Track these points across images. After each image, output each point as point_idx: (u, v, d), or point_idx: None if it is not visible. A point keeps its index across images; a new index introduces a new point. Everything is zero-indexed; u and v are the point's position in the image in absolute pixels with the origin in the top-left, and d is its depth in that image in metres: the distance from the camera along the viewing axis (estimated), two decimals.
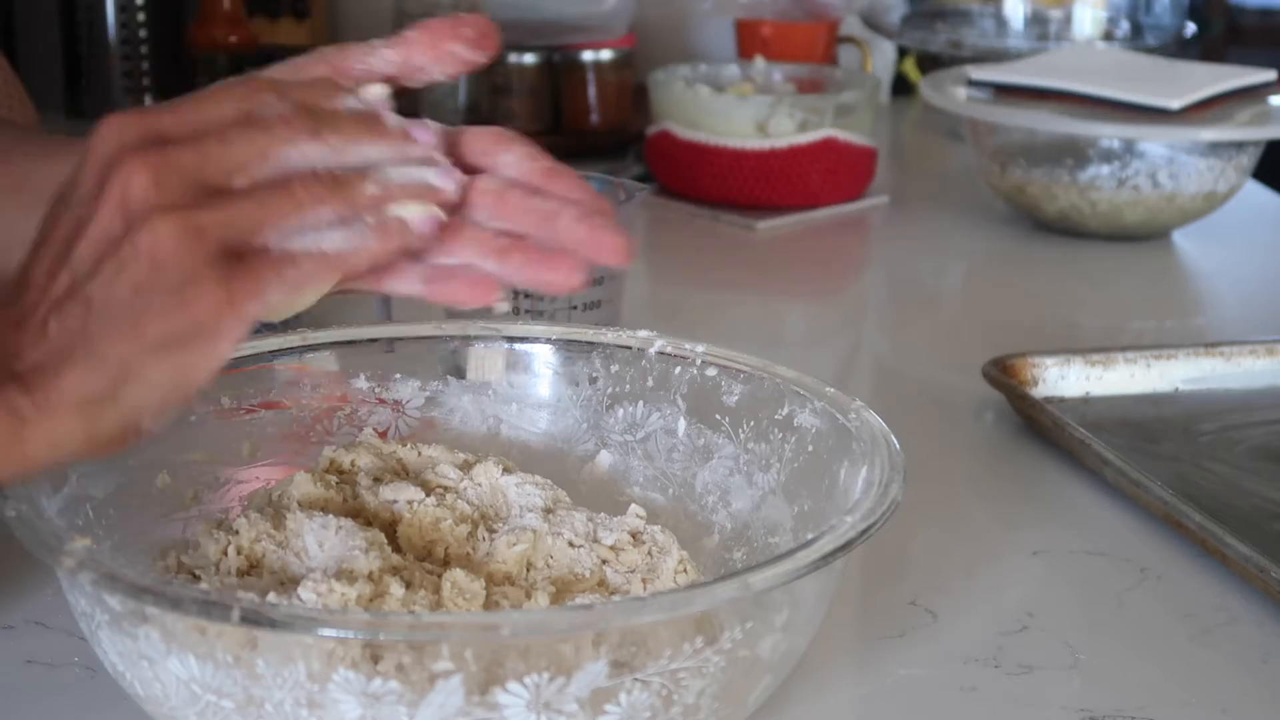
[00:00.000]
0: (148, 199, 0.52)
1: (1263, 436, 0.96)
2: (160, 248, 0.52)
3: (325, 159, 0.56)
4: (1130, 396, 1.01)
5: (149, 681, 0.57)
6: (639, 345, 0.76)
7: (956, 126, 1.60)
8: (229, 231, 0.53)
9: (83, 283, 0.53)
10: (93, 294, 0.53)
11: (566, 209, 0.60)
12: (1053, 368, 1.01)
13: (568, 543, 0.67)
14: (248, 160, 0.54)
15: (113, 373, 0.53)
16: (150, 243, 0.52)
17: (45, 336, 0.53)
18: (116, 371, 0.53)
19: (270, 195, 0.54)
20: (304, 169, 0.55)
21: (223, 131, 0.54)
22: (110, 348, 0.52)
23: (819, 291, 1.32)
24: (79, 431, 0.53)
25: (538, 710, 0.54)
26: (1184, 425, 0.97)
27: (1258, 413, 1.00)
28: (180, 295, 0.52)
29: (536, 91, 1.62)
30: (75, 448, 0.54)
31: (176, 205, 0.52)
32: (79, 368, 0.53)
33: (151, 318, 0.52)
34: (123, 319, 0.52)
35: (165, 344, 0.52)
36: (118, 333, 0.52)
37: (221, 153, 0.54)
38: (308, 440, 0.75)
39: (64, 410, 0.53)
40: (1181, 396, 1.02)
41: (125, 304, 0.52)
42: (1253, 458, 0.93)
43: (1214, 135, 1.33)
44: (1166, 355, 1.02)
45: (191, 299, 0.52)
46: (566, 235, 0.59)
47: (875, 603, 0.76)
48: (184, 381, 0.54)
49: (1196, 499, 0.84)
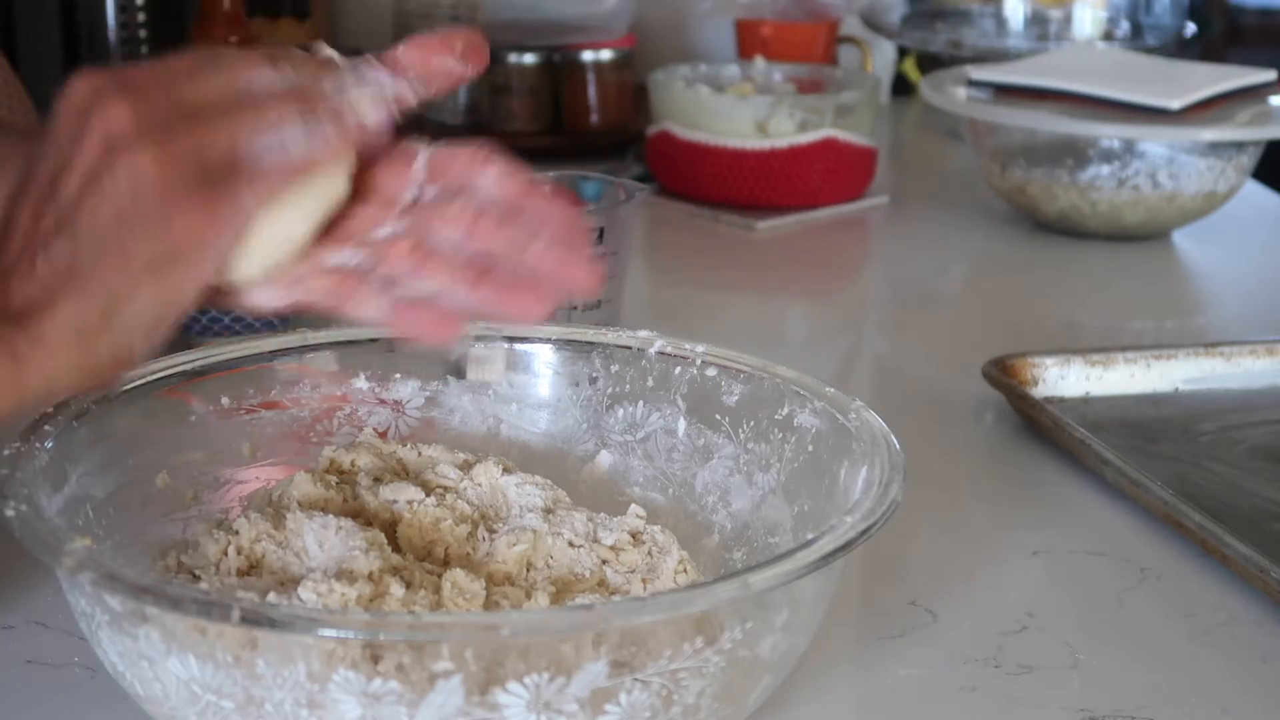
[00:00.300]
0: (126, 127, 0.54)
1: (1263, 436, 0.96)
2: (141, 171, 0.54)
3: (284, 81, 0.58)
4: (1130, 396, 1.01)
5: (149, 681, 0.57)
6: (639, 345, 0.76)
7: (956, 126, 1.60)
8: (204, 149, 0.55)
9: (68, 216, 0.55)
10: (79, 225, 0.54)
11: (538, 238, 0.60)
12: (1053, 368, 1.01)
13: (568, 543, 0.67)
14: (216, 90, 0.56)
15: (103, 301, 0.54)
16: (130, 167, 0.54)
17: (34, 274, 0.55)
18: (106, 299, 0.54)
19: (238, 110, 0.56)
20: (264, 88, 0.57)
21: (189, 70, 0.57)
22: (98, 276, 0.54)
23: (819, 291, 1.32)
24: (73, 363, 0.55)
25: (538, 710, 0.54)
26: (1184, 425, 0.97)
27: (1258, 413, 1.00)
28: (163, 217, 0.54)
29: (536, 91, 1.62)
30: (71, 380, 0.55)
31: (153, 130, 0.54)
32: (70, 299, 0.54)
33: (136, 241, 0.54)
34: (109, 246, 0.54)
35: (152, 266, 0.54)
36: (105, 260, 0.54)
37: (190, 85, 0.56)
38: (308, 440, 0.75)
39: (58, 343, 0.54)
40: (1181, 396, 1.02)
41: (111, 231, 0.54)
42: (1253, 458, 0.93)
43: (1214, 135, 1.33)
44: (1166, 355, 1.02)
45: (173, 219, 0.54)
46: (536, 263, 0.60)
47: (875, 603, 0.76)
48: (172, 303, 0.56)
49: (1196, 499, 0.84)
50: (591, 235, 0.62)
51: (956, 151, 1.65)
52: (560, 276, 0.60)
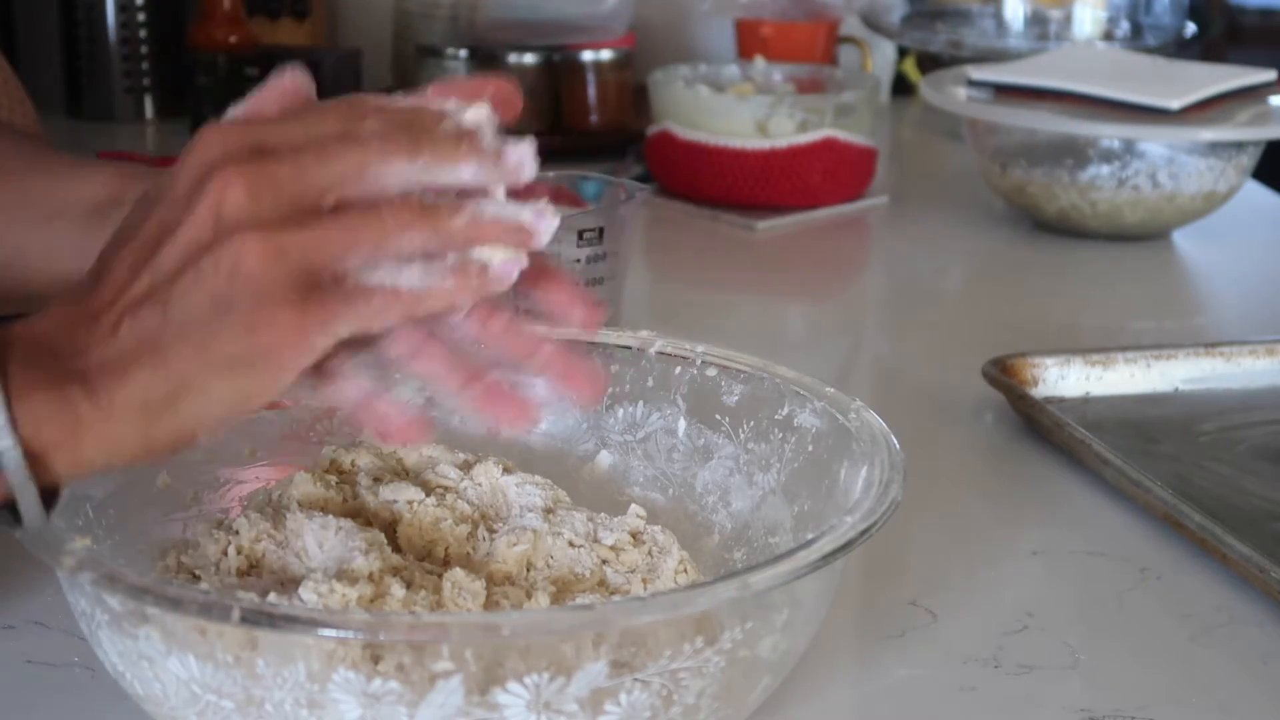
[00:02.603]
0: (240, 212, 0.52)
1: (1263, 436, 0.96)
2: (244, 263, 0.52)
3: (419, 179, 0.55)
4: (1130, 396, 1.01)
5: (149, 681, 0.57)
6: (639, 345, 0.76)
7: (956, 126, 1.60)
8: (313, 255, 0.53)
9: (162, 287, 0.53)
10: (170, 299, 0.53)
11: (545, 344, 0.59)
12: (1053, 368, 1.01)
13: (568, 543, 0.67)
14: (343, 178, 0.54)
15: (176, 383, 0.53)
16: (235, 256, 0.52)
17: (115, 337, 0.53)
18: (180, 382, 0.53)
19: (358, 219, 0.54)
20: (395, 194, 0.55)
21: (321, 148, 0.54)
22: (178, 358, 0.53)
23: (819, 292, 1.32)
24: (135, 436, 0.54)
25: (538, 710, 0.54)
26: (1184, 425, 0.97)
27: (1258, 413, 1.00)
28: (255, 316, 0.52)
29: (536, 91, 1.62)
30: (130, 452, 0.54)
31: (266, 222, 0.52)
32: (144, 373, 0.53)
33: (223, 334, 0.52)
34: (194, 331, 0.53)
35: (230, 364, 0.53)
36: (187, 344, 0.53)
37: (318, 170, 0.54)
38: (308, 440, 0.75)
39: (123, 414, 0.53)
40: (1181, 396, 1.02)
41: (200, 315, 0.52)
42: (1253, 458, 0.93)
43: (1214, 135, 1.33)
44: (1166, 355, 1.02)
45: (265, 322, 0.52)
46: (541, 370, 0.59)
47: (875, 603, 0.76)
48: (244, 401, 0.54)
49: (1196, 499, 0.84)
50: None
51: (956, 151, 1.64)
52: (566, 380, 0.59)
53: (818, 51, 1.67)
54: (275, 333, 0.52)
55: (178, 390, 0.53)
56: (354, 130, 0.55)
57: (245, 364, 0.53)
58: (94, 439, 0.53)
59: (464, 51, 1.63)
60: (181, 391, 0.53)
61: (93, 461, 0.54)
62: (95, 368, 0.53)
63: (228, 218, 0.52)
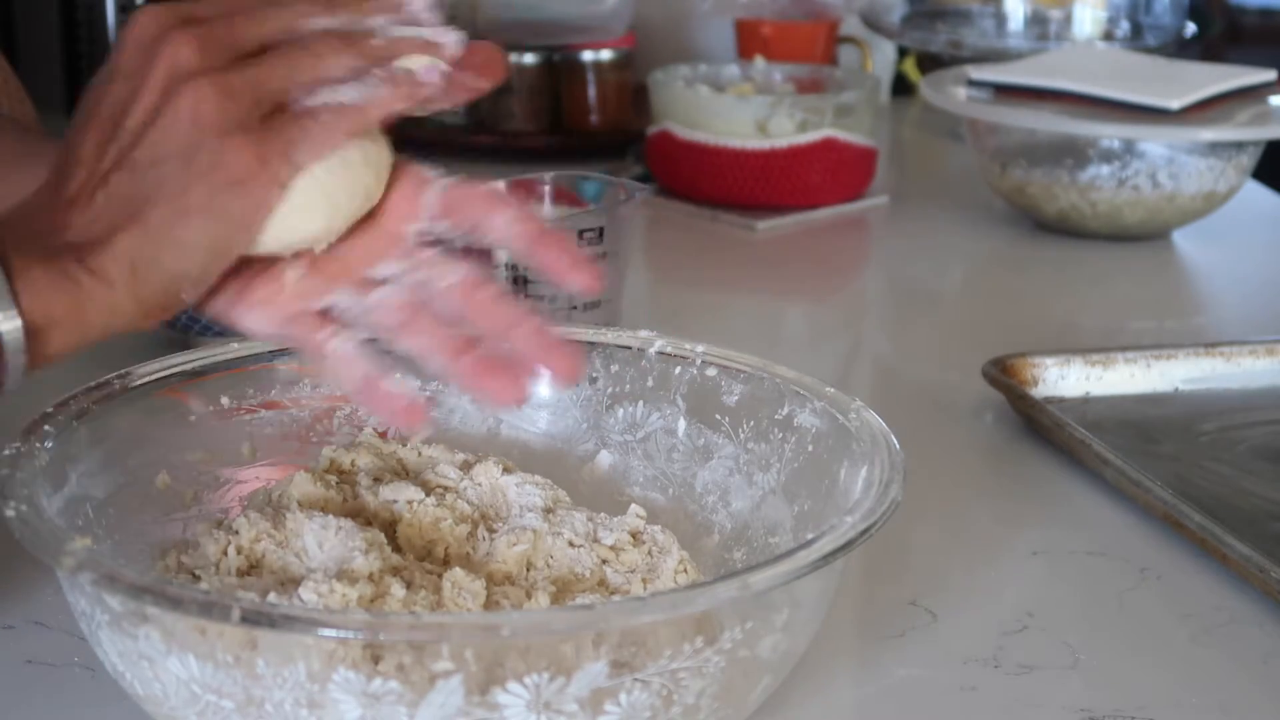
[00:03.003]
0: (190, 62, 0.56)
1: (1263, 436, 0.96)
2: (200, 108, 0.56)
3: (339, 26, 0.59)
4: (1130, 396, 1.01)
5: (149, 681, 0.57)
6: (639, 345, 0.76)
7: (956, 126, 1.60)
8: (260, 88, 0.57)
9: (128, 150, 0.57)
10: (138, 158, 0.56)
11: (528, 320, 0.61)
12: (1053, 368, 1.01)
13: (568, 543, 0.67)
14: (275, 31, 0.58)
15: (157, 239, 0.56)
16: (191, 102, 0.56)
17: (92, 207, 0.57)
18: (161, 238, 0.56)
19: (293, 52, 0.58)
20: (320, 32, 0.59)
21: (250, 9, 0.58)
22: (155, 210, 0.56)
23: (819, 291, 1.32)
24: (129, 301, 0.56)
25: (538, 710, 0.54)
26: (1184, 425, 0.97)
27: (1258, 413, 1.00)
28: (218, 155, 0.56)
29: (536, 91, 1.62)
30: (127, 317, 0.57)
31: (214, 69, 0.56)
32: (127, 233, 0.56)
33: (191, 179, 0.56)
34: (166, 181, 0.56)
35: (205, 207, 0.56)
36: (161, 197, 0.56)
37: (252, 27, 0.58)
38: (308, 440, 0.75)
39: (115, 276, 0.56)
40: (1181, 396, 1.02)
41: (168, 165, 0.56)
42: (1253, 458, 0.93)
43: (1214, 135, 1.33)
44: (1166, 355, 1.02)
45: (229, 158, 0.56)
46: (522, 345, 0.60)
47: (875, 603, 0.76)
48: (224, 248, 0.57)
49: (1196, 499, 0.84)
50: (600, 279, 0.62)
51: (956, 151, 1.64)
52: (544, 361, 0.61)
53: (818, 51, 1.67)
54: (240, 166, 0.56)
55: (160, 246, 0.56)
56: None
57: (217, 205, 0.56)
58: (95, 308, 0.56)
59: None
60: (164, 246, 0.56)
61: (94, 330, 0.57)
62: (81, 242, 0.56)
63: (180, 70, 0.56)
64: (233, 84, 0.56)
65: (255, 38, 0.58)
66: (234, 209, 0.57)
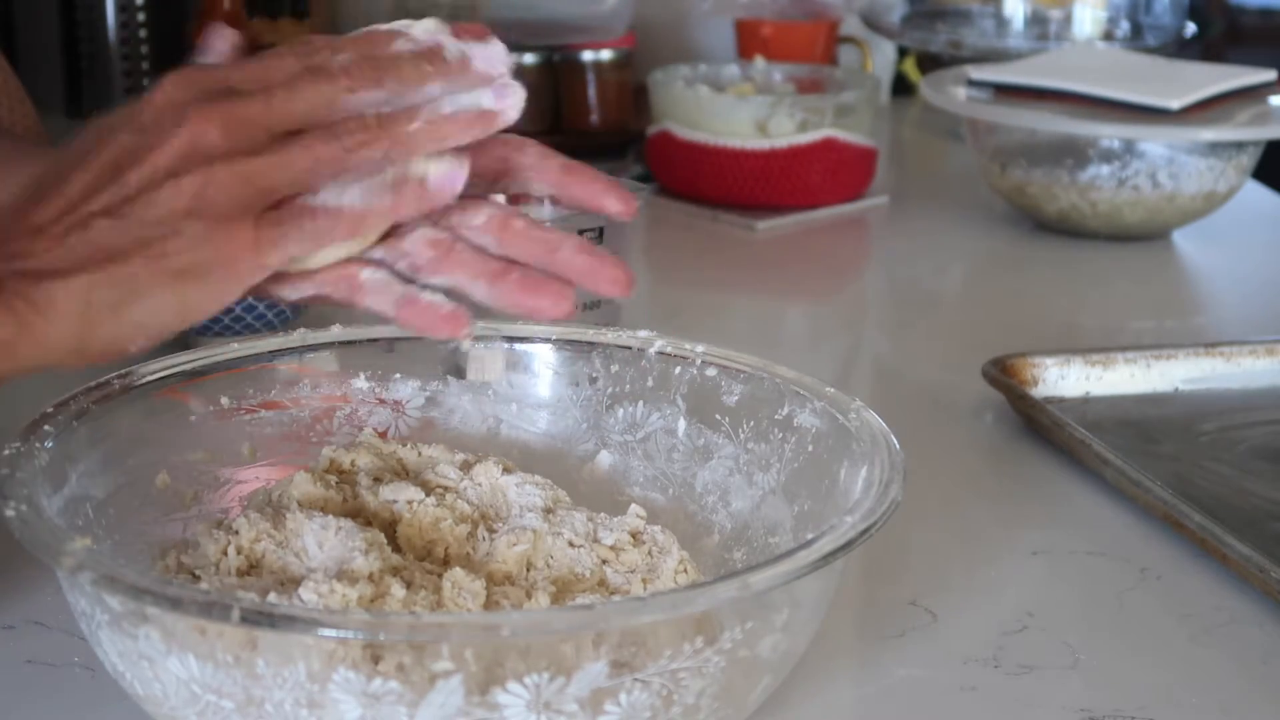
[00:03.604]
0: (214, 149, 0.55)
1: (1263, 436, 0.96)
2: (209, 191, 0.55)
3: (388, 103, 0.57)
4: (1130, 396, 1.01)
5: (149, 681, 0.57)
6: (639, 345, 0.76)
7: (956, 126, 1.60)
8: (275, 183, 0.56)
9: (121, 205, 0.55)
10: (130, 214, 0.55)
11: (568, 240, 0.60)
12: (1053, 368, 1.00)
13: (568, 543, 0.67)
14: (313, 111, 0.56)
15: (124, 289, 0.55)
16: (202, 183, 0.55)
17: (62, 245, 0.55)
18: (128, 289, 0.55)
19: (319, 144, 0.56)
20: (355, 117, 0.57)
21: (289, 86, 0.56)
22: (130, 264, 0.55)
23: (819, 291, 1.32)
24: (71, 339, 0.55)
25: (538, 710, 0.54)
26: (1184, 425, 0.97)
27: (1258, 413, 1.00)
28: (213, 229, 0.55)
29: (536, 91, 1.61)
30: (62, 355, 0.56)
31: (238, 154, 0.55)
32: (93, 275, 0.55)
33: (180, 244, 0.55)
34: (152, 241, 0.55)
35: (181, 274, 0.55)
36: (142, 252, 0.55)
37: (289, 106, 0.56)
38: (308, 440, 0.75)
39: (63, 313, 0.55)
40: (1181, 396, 1.02)
41: (157, 229, 0.55)
42: (1253, 458, 0.93)
43: (1214, 135, 1.33)
44: (1166, 355, 1.02)
45: (223, 236, 0.55)
46: (567, 266, 0.60)
47: (875, 603, 0.76)
48: (189, 312, 0.56)
49: (1196, 499, 0.84)
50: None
51: (956, 151, 1.64)
52: (592, 276, 0.60)
53: (818, 51, 1.67)
54: (231, 247, 0.55)
55: (125, 296, 0.55)
56: (318, 64, 0.57)
57: (197, 275, 0.55)
58: (29, 341, 0.54)
59: None
60: (129, 298, 0.55)
61: (24, 363, 0.55)
62: (35, 272, 0.55)
63: (201, 151, 0.55)
64: (250, 175, 0.55)
65: (287, 119, 0.56)
66: (215, 282, 0.56)
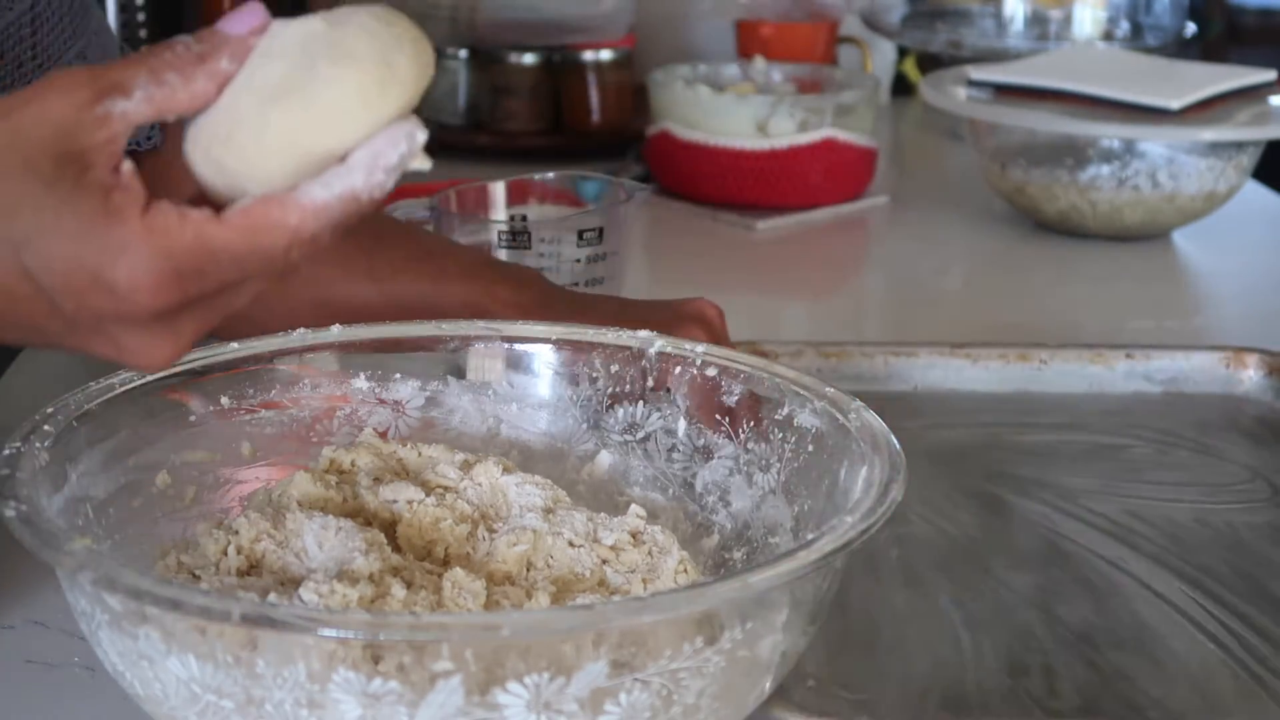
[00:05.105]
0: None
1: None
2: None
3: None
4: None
5: (149, 681, 0.57)
6: (639, 345, 0.76)
7: (956, 126, 1.60)
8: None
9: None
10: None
11: None
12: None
13: (568, 543, 0.67)
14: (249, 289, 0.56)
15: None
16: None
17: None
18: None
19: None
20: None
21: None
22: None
23: (819, 291, 1.32)
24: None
25: (538, 710, 0.54)
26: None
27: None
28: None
29: (536, 91, 1.62)
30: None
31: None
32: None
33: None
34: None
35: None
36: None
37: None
38: (308, 440, 0.75)
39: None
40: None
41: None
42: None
43: (1214, 135, 1.33)
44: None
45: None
46: None
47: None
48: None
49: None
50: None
51: (956, 151, 1.65)
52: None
53: (818, 51, 1.67)
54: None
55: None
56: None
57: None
58: None
59: (464, 51, 1.63)
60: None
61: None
62: None
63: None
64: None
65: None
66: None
